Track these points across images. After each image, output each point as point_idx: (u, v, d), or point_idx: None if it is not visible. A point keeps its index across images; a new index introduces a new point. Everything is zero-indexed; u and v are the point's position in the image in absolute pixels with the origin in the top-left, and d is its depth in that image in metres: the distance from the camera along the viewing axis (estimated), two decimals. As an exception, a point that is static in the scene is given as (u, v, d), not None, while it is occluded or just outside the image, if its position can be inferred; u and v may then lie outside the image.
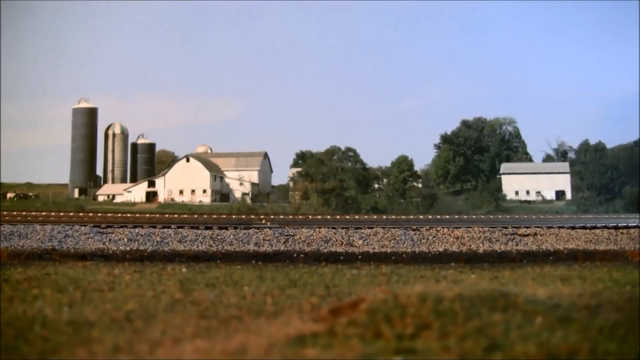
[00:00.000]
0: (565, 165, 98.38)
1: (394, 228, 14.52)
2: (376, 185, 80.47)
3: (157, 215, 28.13)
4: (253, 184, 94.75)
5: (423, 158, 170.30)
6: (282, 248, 11.54)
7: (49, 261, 9.29)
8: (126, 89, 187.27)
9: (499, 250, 11.28)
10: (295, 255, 10.34)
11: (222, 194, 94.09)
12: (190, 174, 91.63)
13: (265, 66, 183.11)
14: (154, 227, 14.53)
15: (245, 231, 13.72)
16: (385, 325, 3.66)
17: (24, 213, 26.50)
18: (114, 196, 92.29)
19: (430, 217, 29.97)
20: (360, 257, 10.22)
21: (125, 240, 12.30)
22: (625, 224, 16.38)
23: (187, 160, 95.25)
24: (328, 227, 14.56)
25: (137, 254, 10.36)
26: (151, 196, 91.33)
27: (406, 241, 12.48)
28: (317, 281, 6.57)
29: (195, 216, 29.02)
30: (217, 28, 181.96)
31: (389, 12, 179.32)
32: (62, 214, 27.93)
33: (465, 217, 30.60)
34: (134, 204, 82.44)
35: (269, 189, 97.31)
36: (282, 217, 27.56)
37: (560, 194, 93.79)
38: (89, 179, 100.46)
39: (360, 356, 3.18)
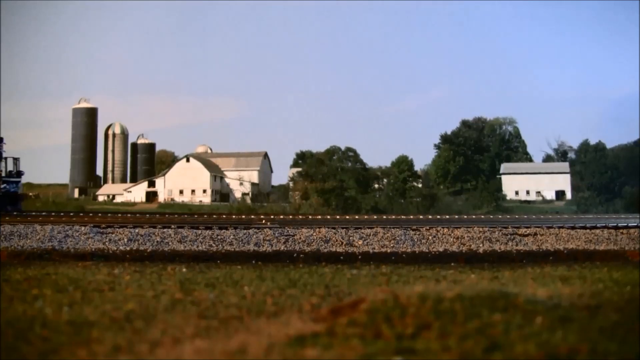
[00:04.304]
0: (565, 165, 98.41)
1: (394, 228, 14.51)
2: (376, 185, 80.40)
3: (157, 215, 28.11)
4: (253, 184, 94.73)
5: (423, 158, 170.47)
6: (282, 248, 11.53)
7: (49, 261, 9.29)
8: (126, 89, 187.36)
9: (499, 250, 11.27)
10: (295, 255, 10.34)
11: (222, 194, 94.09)
12: (190, 174, 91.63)
13: (265, 66, 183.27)
14: (154, 227, 14.52)
15: (245, 231, 13.71)
16: (385, 325, 3.66)
17: (24, 213, 26.47)
18: (114, 196, 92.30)
19: (430, 217, 29.95)
20: (360, 257, 10.21)
21: (125, 240, 12.30)
22: (625, 224, 16.38)
23: (187, 160, 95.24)
24: (328, 227, 14.55)
25: (137, 254, 10.36)
26: (151, 196, 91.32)
27: (406, 241, 12.48)
28: (317, 281, 6.57)
29: (195, 216, 29.00)
30: (217, 28, 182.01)
31: (389, 12, 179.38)
32: (62, 214, 27.90)
33: (465, 217, 30.58)
34: (134, 204, 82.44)
35: (269, 189, 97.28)
36: (282, 217, 27.54)
37: (560, 194, 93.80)
38: (89, 179, 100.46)
39: (360, 356, 3.18)
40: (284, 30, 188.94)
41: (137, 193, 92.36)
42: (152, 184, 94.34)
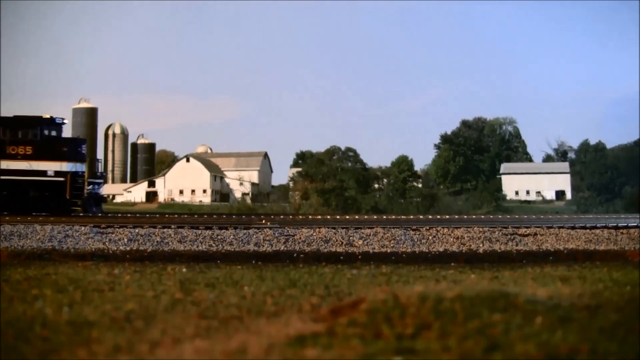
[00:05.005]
0: (565, 165, 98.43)
1: (394, 228, 14.50)
2: (376, 185, 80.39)
3: (157, 215, 28.10)
4: (253, 184, 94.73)
5: (423, 158, 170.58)
6: (282, 248, 11.53)
7: (49, 261, 9.29)
8: (126, 89, 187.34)
9: (499, 250, 11.27)
10: (295, 255, 10.34)
11: (222, 194, 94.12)
12: (190, 174, 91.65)
13: (265, 66, 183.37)
14: (154, 227, 14.52)
15: (245, 231, 13.71)
16: (385, 325, 3.66)
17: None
18: (114, 196, 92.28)
19: (430, 217, 29.92)
20: (360, 257, 10.21)
21: (125, 240, 12.30)
22: (625, 224, 16.36)
23: (187, 160, 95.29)
24: (328, 227, 14.54)
25: (137, 254, 10.36)
26: (151, 196, 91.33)
27: (406, 241, 12.47)
28: (317, 281, 6.57)
29: (196, 216, 29.00)
30: (217, 28, 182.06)
31: (390, 11, 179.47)
32: (62, 213, 27.87)
33: (465, 217, 30.56)
34: (134, 204, 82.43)
35: (269, 189, 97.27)
36: (282, 217, 27.53)
37: (560, 194, 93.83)
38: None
39: (360, 356, 3.18)
40: (284, 30, 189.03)
41: (137, 193, 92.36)
42: (152, 184, 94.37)
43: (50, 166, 25.98)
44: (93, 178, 29.34)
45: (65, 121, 28.46)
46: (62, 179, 25.81)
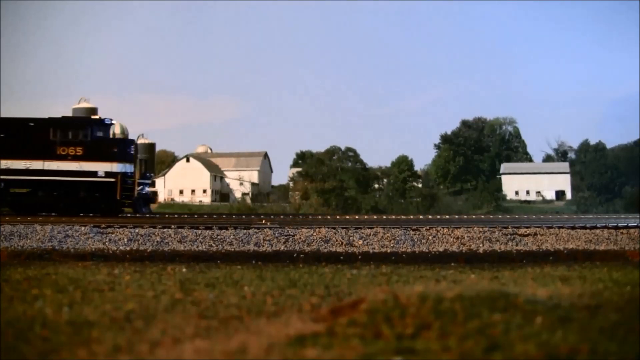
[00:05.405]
0: (565, 165, 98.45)
1: (394, 228, 14.51)
2: (376, 185, 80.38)
3: (157, 216, 28.11)
4: (253, 184, 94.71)
5: (423, 158, 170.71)
6: (282, 248, 11.53)
7: (49, 261, 9.29)
8: (126, 89, 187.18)
9: (499, 250, 11.27)
10: (295, 255, 10.34)
11: (222, 194, 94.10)
12: (190, 174, 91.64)
13: (265, 66, 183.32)
14: (154, 227, 14.53)
15: (245, 231, 13.71)
16: (385, 325, 3.66)
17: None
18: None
19: (430, 217, 29.93)
20: (360, 257, 10.21)
21: (125, 240, 12.30)
22: (625, 224, 16.37)
23: (187, 160, 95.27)
24: (328, 227, 14.54)
25: (137, 254, 10.36)
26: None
27: (406, 241, 12.47)
28: (317, 281, 6.57)
29: (195, 216, 29.01)
30: (217, 28, 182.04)
31: (389, 11, 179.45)
32: (62, 213, 27.87)
33: (465, 217, 30.56)
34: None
35: (269, 189, 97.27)
36: (282, 217, 27.53)
37: (560, 194, 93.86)
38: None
39: (360, 356, 3.18)
40: (284, 30, 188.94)
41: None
42: (152, 184, 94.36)
43: (101, 167, 26.00)
44: (143, 179, 29.45)
45: (113, 122, 28.51)
46: (112, 179, 25.87)
